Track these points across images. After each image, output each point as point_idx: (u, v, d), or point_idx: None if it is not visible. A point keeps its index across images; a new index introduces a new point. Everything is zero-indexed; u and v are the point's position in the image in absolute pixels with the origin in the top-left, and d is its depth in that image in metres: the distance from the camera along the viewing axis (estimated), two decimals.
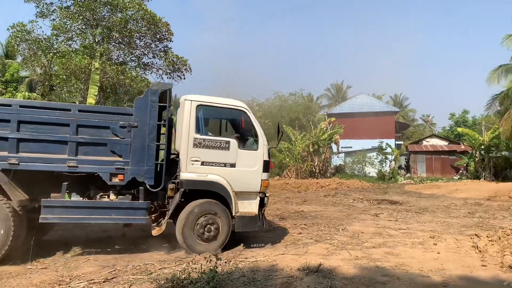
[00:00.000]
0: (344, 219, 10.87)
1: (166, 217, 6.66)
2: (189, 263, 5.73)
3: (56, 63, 16.64)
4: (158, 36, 18.18)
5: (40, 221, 6.14)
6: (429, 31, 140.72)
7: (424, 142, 42.44)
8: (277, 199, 16.33)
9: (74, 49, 17.43)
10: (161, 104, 6.82)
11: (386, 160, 35.16)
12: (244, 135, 7.46)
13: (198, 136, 6.83)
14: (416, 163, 38.56)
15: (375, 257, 6.32)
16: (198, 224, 6.68)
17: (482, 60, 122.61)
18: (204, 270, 4.97)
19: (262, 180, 7.24)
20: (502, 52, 42.18)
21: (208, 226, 6.74)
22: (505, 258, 5.74)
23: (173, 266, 5.74)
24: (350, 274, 5.30)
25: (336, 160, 36.23)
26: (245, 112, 7.29)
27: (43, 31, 20.23)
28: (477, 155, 32.46)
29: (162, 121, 7.00)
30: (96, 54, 15.86)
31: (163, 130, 7.17)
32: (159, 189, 6.68)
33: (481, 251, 6.46)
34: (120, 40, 17.72)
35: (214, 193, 6.88)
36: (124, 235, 8.45)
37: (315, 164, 29.50)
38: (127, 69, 17.76)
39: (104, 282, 5.00)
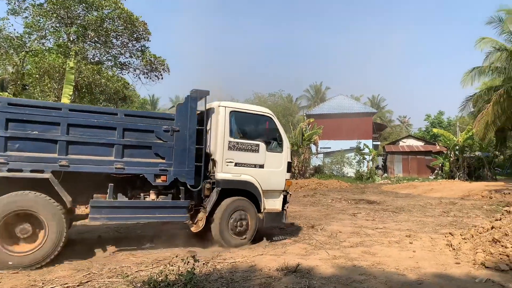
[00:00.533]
0: (322, 219, 10.95)
1: (205, 215, 7.15)
2: (166, 265, 5.63)
3: (29, 62, 16.13)
4: (135, 35, 17.82)
5: (89, 220, 6.54)
6: (405, 34, 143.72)
7: (401, 143, 43.30)
8: None
9: (47, 48, 16.91)
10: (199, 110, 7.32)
11: (364, 161, 35.67)
12: (269, 138, 8.08)
13: (232, 139, 7.43)
14: (393, 163, 39.26)
15: (353, 256, 6.38)
16: (231, 219, 7.34)
17: (457, 62, 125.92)
18: (182, 272, 4.90)
19: (286, 179, 8.04)
20: (476, 55, 43.41)
21: (240, 221, 7.42)
22: (478, 255, 5.87)
23: (150, 269, 5.65)
24: (327, 274, 5.33)
25: (315, 161, 36.51)
26: (271, 117, 8.09)
27: (14, 29, 19.71)
28: (451, 155, 33.26)
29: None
30: (70, 53, 15.38)
31: None
32: (198, 188, 7.18)
33: (454, 249, 6.60)
34: (96, 39, 17.31)
35: (243, 191, 7.56)
36: (100, 237, 8.27)
37: (295, 164, 29.64)
38: (103, 68, 17.37)
39: (78, 286, 4.87)
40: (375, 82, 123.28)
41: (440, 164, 35.15)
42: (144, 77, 19.19)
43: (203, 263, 5.76)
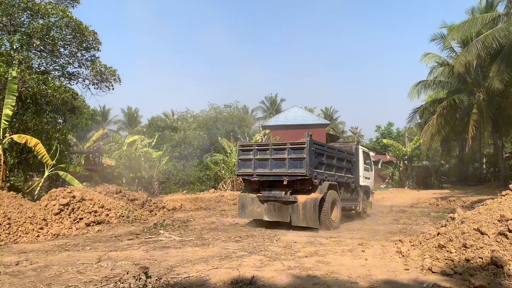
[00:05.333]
0: (278, 230, 10.94)
1: (361, 204, 13.88)
2: (116, 283, 5.37)
3: None
4: (84, 44, 17.18)
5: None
6: (357, 49, 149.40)
7: None
8: (212, 212, 16.10)
9: None
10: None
11: None
12: (368, 164, 15.22)
13: (364, 165, 14.48)
14: None
15: (307, 266, 6.39)
16: (364, 204, 14.17)
17: (406, 74, 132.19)
18: None
19: (373, 185, 16.09)
20: (423, 68, 45.75)
21: (365, 205, 14.43)
22: (425, 261, 6.06)
23: (99, 287, 5.35)
24: (282, 284, 5.29)
25: None
26: (369, 153, 15.77)
27: None
28: (401, 165, 34.62)
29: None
30: (13, 62, 14.59)
31: None
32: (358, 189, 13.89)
33: (404, 256, 6.79)
34: (41, 47, 16.50)
35: (365, 191, 14.45)
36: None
37: None
38: (49, 78, 16.51)
39: None
40: (328, 94, 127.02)
41: (391, 173, 36.48)
42: (94, 88, 18.48)
43: (156, 279, 5.55)
